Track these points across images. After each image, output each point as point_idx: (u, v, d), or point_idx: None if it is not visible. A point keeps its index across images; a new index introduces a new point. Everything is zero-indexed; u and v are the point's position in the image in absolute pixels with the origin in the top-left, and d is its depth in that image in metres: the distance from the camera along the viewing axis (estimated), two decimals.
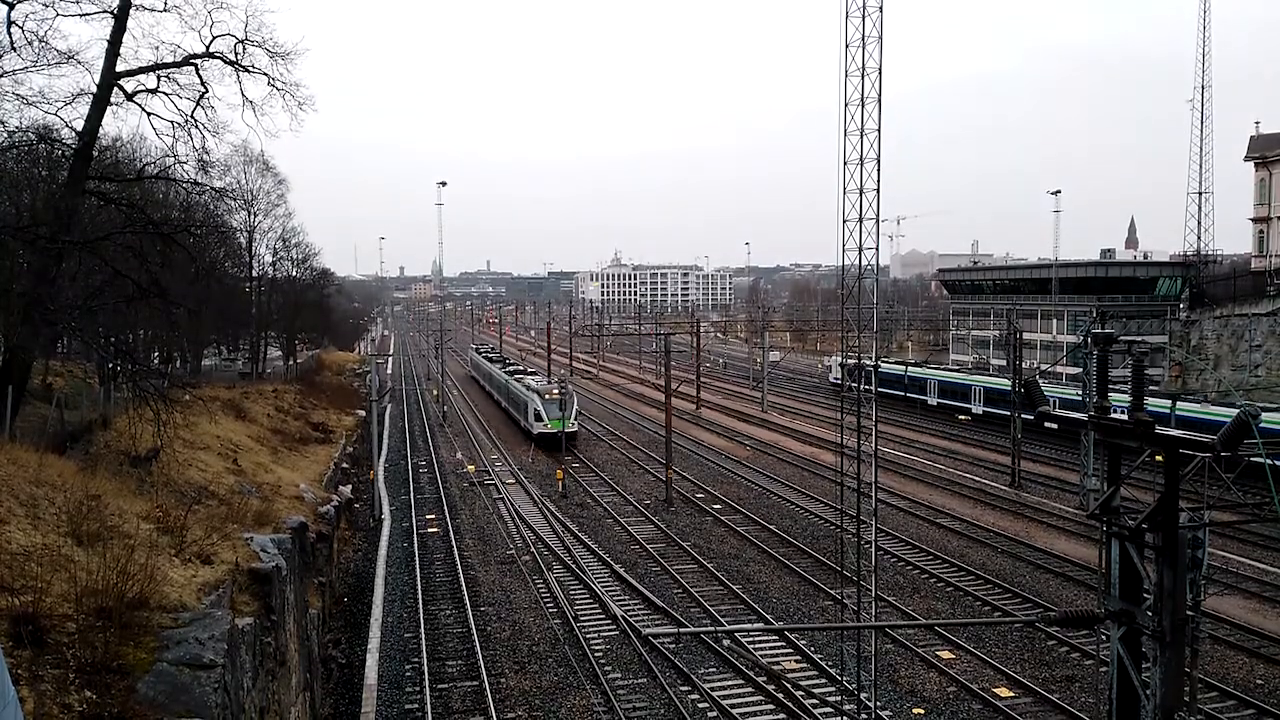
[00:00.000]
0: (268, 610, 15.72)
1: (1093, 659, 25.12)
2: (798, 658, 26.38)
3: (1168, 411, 44.24)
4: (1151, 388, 56.73)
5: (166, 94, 26.89)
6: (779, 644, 27.32)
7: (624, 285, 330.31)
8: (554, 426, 58.22)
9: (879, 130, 18.75)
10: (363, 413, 60.52)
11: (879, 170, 18.94)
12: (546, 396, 61.99)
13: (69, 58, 24.44)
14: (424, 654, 26.58)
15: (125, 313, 28.24)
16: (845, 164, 18.89)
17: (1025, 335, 55.02)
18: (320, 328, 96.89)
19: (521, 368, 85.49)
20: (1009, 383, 61.61)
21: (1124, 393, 9.61)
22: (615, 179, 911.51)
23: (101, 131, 27.58)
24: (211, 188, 32.52)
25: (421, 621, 29.17)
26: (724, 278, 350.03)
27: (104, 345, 30.16)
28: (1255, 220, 66.97)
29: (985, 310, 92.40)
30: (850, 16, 18.47)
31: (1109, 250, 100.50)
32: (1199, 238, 74.36)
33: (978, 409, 67.85)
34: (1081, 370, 50.10)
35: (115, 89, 25.64)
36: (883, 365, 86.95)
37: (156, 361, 41.14)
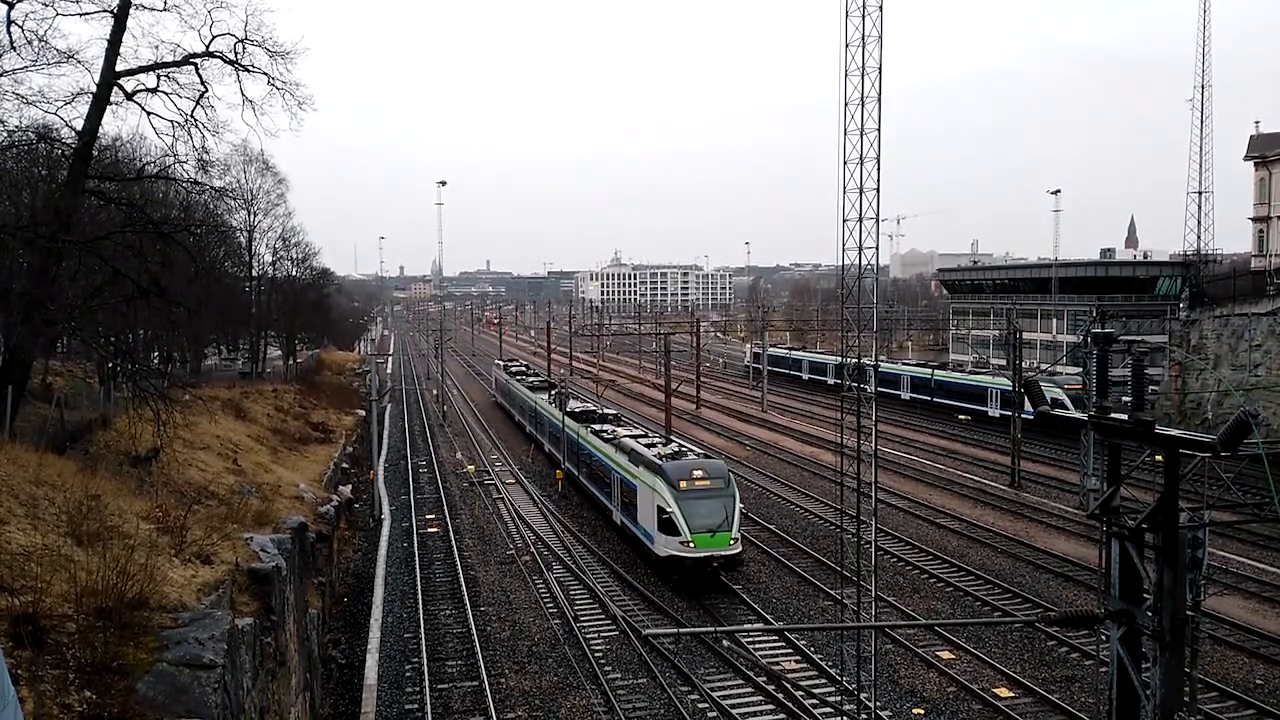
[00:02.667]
0: (267, 610, 15.71)
1: (1093, 659, 25.10)
2: (798, 658, 26.37)
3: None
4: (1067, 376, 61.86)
5: (166, 93, 26.90)
6: (779, 644, 27.32)
7: (624, 285, 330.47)
8: (704, 545, 30.38)
9: (879, 129, 18.76)
10: (363, 413, 60.55)
11: (879, 169, 18.96)
12: (683, 484, 31.28)
13: (69, 57, 24.44)
14: (424, 654, 26.57)
15: (125, 313, 28.19)
16: (845, 163, 18.90)
17: (1025, 335, 54.97)
18: (320, 327, 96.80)
19: (595, 408, 50.06)
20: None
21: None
22: (615, 179, 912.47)
23: (101, 131, 27.56)
24: (211, 187, 32.55)
25: (421, 621, 29.17)
26: (724, 277, 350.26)
27: (104, 345, 30.13)
28: (1255, 220, 66.85)
29: (985, 310, 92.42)
30: (850, 16, 18.49)
31: (1109, 250, 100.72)
32: (1199, 237, 74.25)
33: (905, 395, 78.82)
34: (1081, 370, 50.07)
35: (115, 88, 25.61)
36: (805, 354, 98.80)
37: (156, 361, 41.04)
